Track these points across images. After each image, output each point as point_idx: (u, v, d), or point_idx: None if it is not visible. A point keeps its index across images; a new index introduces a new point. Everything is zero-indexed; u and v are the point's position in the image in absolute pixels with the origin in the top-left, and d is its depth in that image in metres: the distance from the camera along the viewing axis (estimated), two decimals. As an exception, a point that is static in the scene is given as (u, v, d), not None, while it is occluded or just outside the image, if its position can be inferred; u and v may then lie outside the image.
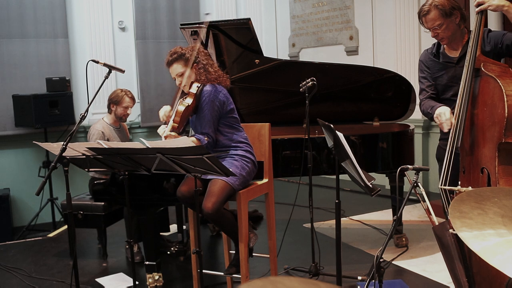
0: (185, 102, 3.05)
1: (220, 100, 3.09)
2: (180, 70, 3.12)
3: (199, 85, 3.09)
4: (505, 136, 2.43)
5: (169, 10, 6.63)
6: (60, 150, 2.76)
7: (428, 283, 3.45)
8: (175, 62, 3.13)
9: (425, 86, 3.08)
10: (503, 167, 2.46)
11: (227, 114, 3.14)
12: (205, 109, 3.05)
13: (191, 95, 3.07)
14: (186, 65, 3.11)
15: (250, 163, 3.12)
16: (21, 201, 5.86)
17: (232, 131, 3.15)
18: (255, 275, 3.53)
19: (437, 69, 3.02)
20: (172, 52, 3.16)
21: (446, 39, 2.89)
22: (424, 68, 3.08)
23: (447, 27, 2.83)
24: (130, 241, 3.11)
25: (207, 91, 3.07)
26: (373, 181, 2.60)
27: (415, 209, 5.12)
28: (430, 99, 3.03)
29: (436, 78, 3.03)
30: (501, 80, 2.47)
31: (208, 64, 3.16)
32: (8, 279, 3.83)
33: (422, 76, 3.10)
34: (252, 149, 3.19)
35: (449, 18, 2.82)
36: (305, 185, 3.75)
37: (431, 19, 2.84)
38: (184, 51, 3.14)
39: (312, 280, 0.94)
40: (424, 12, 2.85)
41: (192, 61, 3.11)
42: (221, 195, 2.92)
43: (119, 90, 4.29)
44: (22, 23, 5.81)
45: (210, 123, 3.06)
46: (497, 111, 2.47)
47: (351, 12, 6.38)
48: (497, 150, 2.46)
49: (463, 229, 1.50)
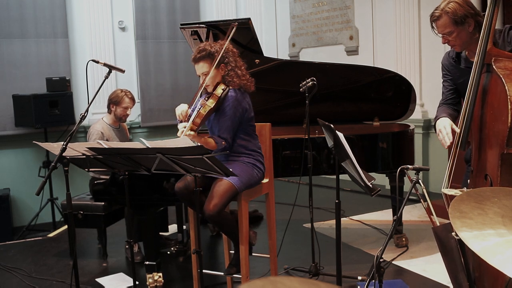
0: (208, 104, 2.89)
1: (244, 107, 2.99)
2: (206, 69, 2.94)
3: (224, 88, 2.94)
4: (507, 147, 2.26)
5: (169, 10, 6.63)
6: (60, 150, 2.76)
7: (428, 283, 3.45)
8: (202, 60, 2.95)
9: (446, 90, 2.87)
10: (506, 179, 2.29)
11: (247, 122, 3.05)
12: (228, 114, 2.94)
13: (214, 97, 2.92)
14: (214, 65, 2.93)
15: (260, 173, 3.09)
16: (21, 201, 5.86)
17: (248, 138, 3.08)
18: (255, 275, 3.52)
19: (458, 75, 2.78)
20: (201, 48, 2.97)
21: (458, 47, 2.65)
22: (445, 72, 2.86)
23: (458, 35, 2.58)
24: (130, 241, 3.10)
25: (232, 96, 2.94)
26: (373, 181, 2.60)
27: (415, 209, 5.11)
28: (444, 106, 2.83)
29: (458, 83, 2.80)
30: (509, 83, 2.25)
31: (237, 66, 3.00)
32: (8, 279, 3.83)
33: (444, 80, 2.90)
34: (263, 159, 3.12)
35: (461, 26, 2.54)
36: (305, 185, 3.75)
37: (441, 26, 2.59)
38: (214, 49, 2.95)
39: (312, 280, 0.94)
40: (434, 17, 2.60)
41: (220, 61, 2.95)
42: (224, 198, 2.88)
43: (119, 91, 4.28)
44: (22, 23, 5.81)
45: (229, 128, 2.96)
46: (501, 118, 2.29)
47: (351, 12, 6.38)
48: (500, 160, 2.30)
49: (463, 229, 1.50)
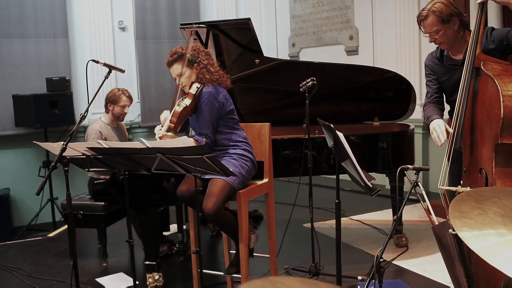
0: (183, 103, 3.04)
1: (220, 101, 3.07)
2: (180, 70, 3.10)
3: (199, 85, 3.07)
4: (501, 137, 2.42)
5: (169, 10, 6.63)
6: (60, 150, 2.76)
7: (428, 283, 3.45)
8: (175, 62, 3.12)
9: (431, 90, 3.05)
10: (500, 169, 2.45)
11: (227, 115, 3.12)
12: (204, 110, 3.04)
13: (190, 96, 3.06)
14: (187, 65, 3.10)
15: (249, 162, 3.11)
16: (21, 201, 5.86)
17: (231, 131, 3.14)
18: (255, 275, 3.52)
19: (442, 73, 2.98)
20: (172, 52, 3.14)
21: (445, 44, 2.86)
22: (429, 72, 3.06)
23: (444, 33, 2.79)
24: (130, 241, 3.10)
25: (207, 92, 3.05)
26: (373, 181, 2.60)
27: (415, 209, 5.11)
28: (433, 105, 3.01)
29: (442, 81, 3.00)
30: (499, 80, 2.44)
31: (209, 64, 3.13)
32: (8, 279, 3.83)
33: (428, 79, 3.07)
34: (251, 148, 3.18)
35: (447, 24, 2.77)
36: (305, 185, 3.75)
37: (428, 25, 2.80)
38: (185, 51, 3.12)
39: (312, 280, 0.94)
40: (421, 17, 2.81)
41: (193, 61, 3.09)
42: (221, 195, 2.91)
43: (116, 89, 4.28)
44: (22, 23, 5.81)
45: (208, 124, 3.05)
46: (494, 112, 2.45)
47: (351, 12, 6.38)
48: (494, 151, 2.46)
49: (463, 229, 1.50)
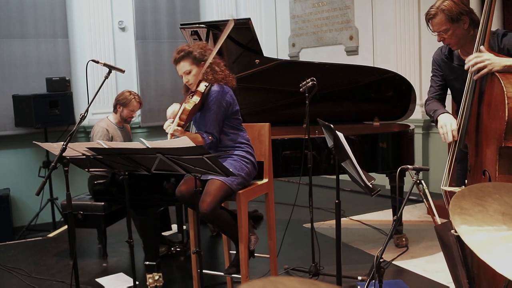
0: (192, 100, 3.02)
1: (227, 101, 3.07)
2: (187, 68, 3.09)
3: (207, 84, 3.06)
4: (505, 140, 2.33)
5: (169, 10, 6.63)
6: (60, 150, 2.76)
7: (428, 283, 3.45)
8: (182, 60, 3.10)
9: (435, 85, 2.95)
10: (503, 176, 2.36)
11: (232, 116, 3.13)
12: (212, 109, 3.04)
13: (198, 94, 3.05)
14: (193, 63, 3.09)
15: (250, 164, 3.11)
16: (21, 201, 5.86)
17: (235, 132, 3.14)
18: (255, 275, 3.52)
19: (450, 72, 2.86)
20: (179, 49, 3.13)
21: (454, 45, 2.72)
22: (436, 67, 2.94)
23: (453, 33, 2.65)
24: (130, 241, 3.10)
25: (215, 91, 3.05)
26: (373, 181, 2.60)
27: (415, 209, 5.11)
28: (436, 101, 2.92)
29: (450, 80, 2.88)
30: (505, 80, 2.35)
31: (215, 63, 3.13)
32: (8, 279, 3.83)
33: (433, 74, 2.97)
34: (252, 150, 3.18)
35: (456, 23, 2.63)
36: (305, 185, 3.75)
37: (436, 24, 2.66)
38: (192, 49, 3.11)
39: (312, 280, 0.94)
40: (430, 15, 2.67)
41: (200, 59, 3.09)
42: (217, 195, 2.91)
43: (127, 93, 4.24)
44: (22, 23, 5.81)
45: (215, 123, 3.05)
46: (498, 113, 2.37)
47: (351, 12, 6.38)
48: (498, 154, 2.38)
49: (463, 226, 1.49)
